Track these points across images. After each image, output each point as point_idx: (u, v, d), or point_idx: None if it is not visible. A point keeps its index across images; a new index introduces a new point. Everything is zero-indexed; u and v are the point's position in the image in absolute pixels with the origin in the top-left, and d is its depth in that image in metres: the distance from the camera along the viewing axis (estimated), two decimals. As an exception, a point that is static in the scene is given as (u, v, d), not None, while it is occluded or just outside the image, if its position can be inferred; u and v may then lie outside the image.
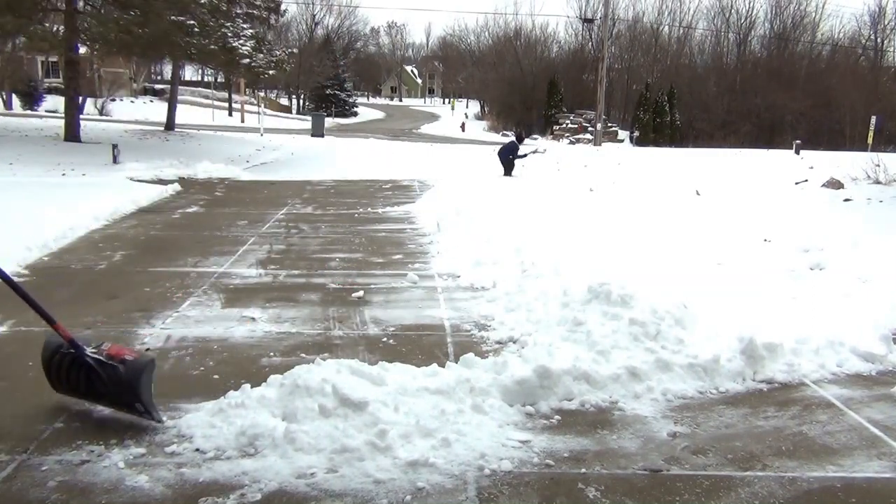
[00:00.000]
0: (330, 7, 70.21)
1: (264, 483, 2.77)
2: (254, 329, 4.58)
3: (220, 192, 11.78)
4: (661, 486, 2.81)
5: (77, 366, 3.24)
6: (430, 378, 3.49)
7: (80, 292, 5.40)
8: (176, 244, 7.28)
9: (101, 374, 3.17)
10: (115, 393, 3.18)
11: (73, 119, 18.09)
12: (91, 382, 3.21)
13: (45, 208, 8.43)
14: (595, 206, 9.96)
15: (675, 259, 6.35)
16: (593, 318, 4.21)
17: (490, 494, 2.73)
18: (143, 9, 15.48)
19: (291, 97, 62.91)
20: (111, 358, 3.19)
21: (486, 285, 5.61)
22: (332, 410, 3.15)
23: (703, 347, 4.03)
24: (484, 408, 3.33)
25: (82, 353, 3.22)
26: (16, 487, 2.69)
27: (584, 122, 43.80)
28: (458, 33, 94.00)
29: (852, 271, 6.00)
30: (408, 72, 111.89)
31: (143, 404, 3.15)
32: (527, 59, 53.65)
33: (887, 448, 3.16)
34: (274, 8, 22.23)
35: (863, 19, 74.49)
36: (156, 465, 2.87)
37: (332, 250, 7.17)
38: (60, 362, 3.28)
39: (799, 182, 13.90)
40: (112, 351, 3.23)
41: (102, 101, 35.20)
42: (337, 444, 2.95)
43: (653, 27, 55.54)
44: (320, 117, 29.52)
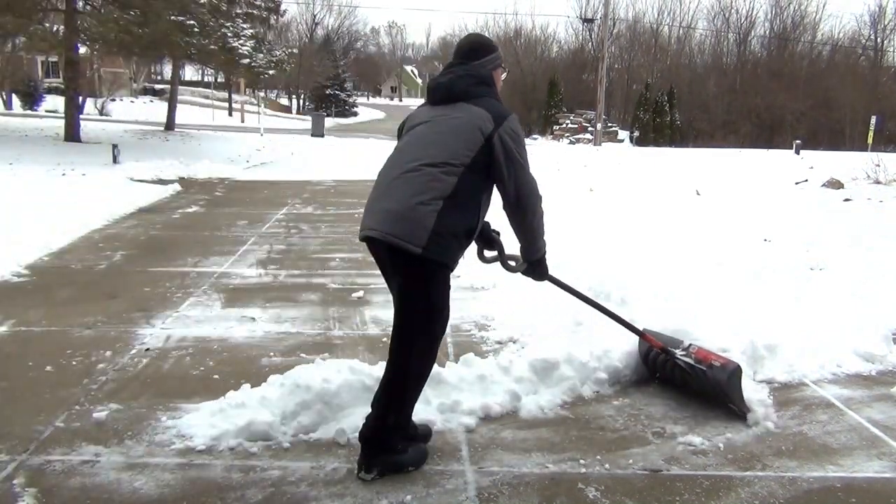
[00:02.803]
0: (330, 7, 70.33)
1: (264, 483, 2.77)
2: (254, 329, 4.58)
3: (220, 192, 11.78)
4: (661, 486, 2.81)
5: (672, 364, 3.60)
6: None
7: (80, 292, 5.40)
8: (176, 244, 7.29)
9: (692, 375, 3.49)
10: (705, 392, 3.49)
11: (73, 119, 18.10)
12: (684, 379, 3.58)
13: (45, 208, 8.43)
14: (595, 206, 9.97)
15: (675, 259, 6.35)
16: (594, 318, 4.20)
17: (490, 494, 2.73)
18: (143, 9, 15.50)
19: (291, 97, 62.91)
20: (699, 362, 3.49)
21: (486, 285, 5.61)
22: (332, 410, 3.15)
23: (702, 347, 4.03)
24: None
25: (673, 357, 3.57)
26: (16, 487, 2.68)
27: (584, 122, 43.79)
28: (458, 33, 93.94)
29: (852, 271, 6.01)
30: (408, 72, 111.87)
31: (734, 404, 3.41)
32: (527, 59, 53.62)
33: (887, 448, 3.16)
34: (274, 8, 22.26)
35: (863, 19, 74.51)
36: (156, 466, 2.87)
37: (332, 250, 7.17)
38: (656, 358, 3.71)
39: (799, 182, 13.91)
40: (700, 355, 3.53)
41: (102, 101, 35.20)
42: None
43: (653, 27, 55.55)
44: (320, 117, 29.52)
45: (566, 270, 5.71)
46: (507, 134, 2.68)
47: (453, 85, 2.78)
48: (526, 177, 2.75)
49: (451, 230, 2.61)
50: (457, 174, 2.61)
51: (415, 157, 2.68)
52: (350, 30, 75.74)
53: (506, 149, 2.68)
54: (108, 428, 3.17)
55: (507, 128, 2.68)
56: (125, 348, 4.16)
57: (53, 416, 3.26)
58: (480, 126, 2.66)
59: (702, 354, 3.52)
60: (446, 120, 2.71)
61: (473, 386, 3.51)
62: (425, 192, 2.59)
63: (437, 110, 2.79)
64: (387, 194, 2.68)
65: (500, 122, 2.68)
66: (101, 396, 3.49)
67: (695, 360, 3.50)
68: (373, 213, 2.71)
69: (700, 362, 3.48)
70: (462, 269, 6.08)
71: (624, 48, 55.59)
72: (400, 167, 2.70)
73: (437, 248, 2.57)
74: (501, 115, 2.70)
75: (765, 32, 53.73)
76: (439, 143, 2.67)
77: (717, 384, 3.40)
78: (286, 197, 11.16)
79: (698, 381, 3.49)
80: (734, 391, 3.39)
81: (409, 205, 2.58)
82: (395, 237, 2.57)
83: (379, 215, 2.65)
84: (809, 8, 53.80)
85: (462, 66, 2.83)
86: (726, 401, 3.43)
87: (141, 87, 51.10)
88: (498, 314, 4.89)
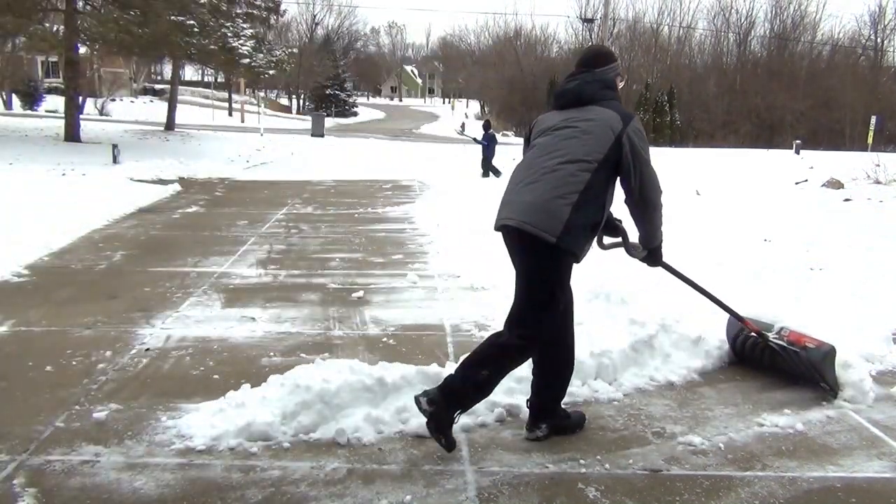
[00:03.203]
0: (330, 7, 70.35)
1: (264, 483, 2.77)
2: (254, 329, 4.58)
3: (220, 192, 11.78)
4: (661, 486, 2.81)
5: (762, 347, 3.88)
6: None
7: (80, 292, 5.40)
8: (176, 244, 7.29)
9: (784, 357, 3.75)
10: (797, 371, 3.74)
11: (73, 119, 18.10)
12: (774, 361, 3.85)
13: (45, 208, 8.44)
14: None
15: (675, 259, 6.34)
16: (594, 318, 4.21)
17: (490, 494, 2.73)
18: (143, 9, 15.50)
19: (291, 97, 62.93)
20: (792, 344, 3.73)
21: (486, 285, 5.61)
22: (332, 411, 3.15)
23: (703, 347, 4.03)
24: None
25: (767, 340, 3.80)
26: (16, 487, 2.68)
27: (584, 122, 43.75)
28: (458, 33, 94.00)
29: (852, 271, 6.01)
30: (408, 72, 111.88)
31: (828, 383, 3.63)
32: (527, 59, 53.70)
33: (887, 448, 3.16)
34: (274, 8, 22.26)
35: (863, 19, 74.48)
36: (156, 466, 2.87)
37: (332, 250, 7.17)
38: (745, 341, 4.00)
39: (799, 182, 13.91)
40: (792, 338, 3.76)
41: (102, 101, 35.22)
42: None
43: (653, 27, 55.60)
44: (320, 117, 29.55)
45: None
46: (633, 133, 2.91)
47: (582, 89, 3.03)
48: (650, 173, 2.97)
49: (581, 223, 2.86)
50: (590, 171, 2.86)
51: (553, 155, 2.92)
52: (350, 30, 75.85)
53: (633, 147, 2.90)
54: (108, 428, 3.16)
55: (633, 127, 2.92)
56: (125, 348, 4.16)
57: (53, 416, 3.26)
58: (611, 126, 2.90)
59: (794, 337, 3.76)
60: (579, 121, 2.95)
61: (473, 386, 3.51)
62: (562, 186, 2.84)
63: (567, 113, 3.02)
64: (526, 189, 2.93)
65: (628, 122, 2.92)
66: (101, 396, 3.49)
67: (787, 342, 3.75)
68: (511, 204, 2.97)
69: (793, 344, 3.72)
70: (462, 270, 6.11)
71: (624, 48, 55.57)
72: (539, 165, 2.95)
73: (568, 238, 2.83)
74: (628, 116, 2.95)
75: (765, 32, 53.81)
76: (575, 142, 2.91)
77: (812, 365, 3.63)
78: (286, 197, 11.16)
79: (791, 362, 3.74)
80: (828, 371, 3.62)
81: (547, 198, 2.84)
82: (532, 226, 2.83)
83: (518, 206, 2.92)
84: (809, 8, 53.97)
85: (588, 73, 3.07)
86: (819, 380, 3.64)
87: (141, 87, 51.11)
88: (498, 314, 4.87)
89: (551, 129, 3.02)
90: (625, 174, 2.93)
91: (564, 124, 2.98)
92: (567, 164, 2.86)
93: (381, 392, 3.34)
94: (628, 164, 2.90)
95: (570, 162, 2.86)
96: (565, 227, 2.80)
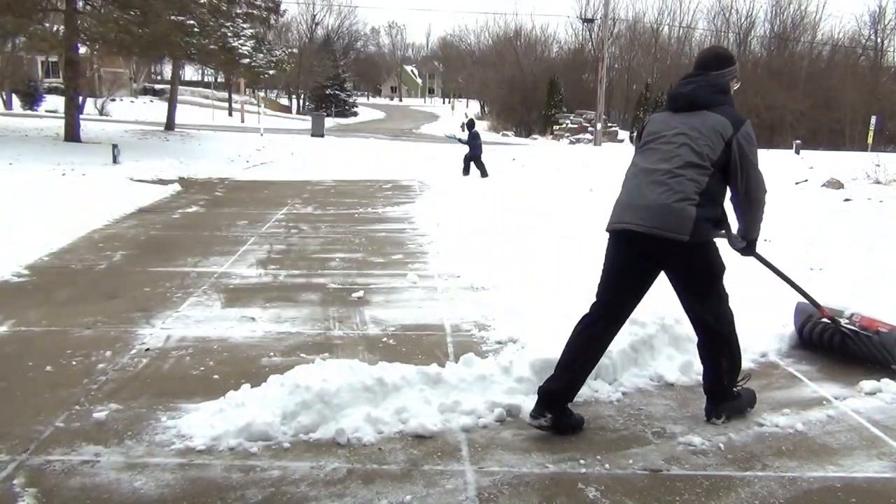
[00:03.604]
0: (330, 7, 70.35)
1: (264, 483, 2.77)
2: (254, 329, 4.58)
3: (220, 192, 11.78)
4: (661, 486, 2.81)
5: (831, 332, 4.10)
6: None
7: (80, 292, 5.40)
8: (176, 244, 7.29)
9: (856, 341, 3.99)
10: (868, 355, 3.97)
11: (73, 119, 18.10)
12: (844, 345, 4.07)
13: (45, 208, 8.44)
14: (595, 206, 9.96)
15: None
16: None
17: (490, 494, 2.73)
18: (143, 9, 15.50)
19: (291, 97, 62.93)
20: (864, 329, 3.97)
21: (486, 285, 5.61)
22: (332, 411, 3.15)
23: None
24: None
25: (839, 326, 4.05)
26: (16, 487, 2.68)
27: (584, 122, 43.78)
28: (458, 33, 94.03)
29: (852, 271, 6.01)
30: (408, 72, 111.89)
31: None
32: (527, 59, 53.65)
33: (887, 448, 3.16)
34: (274, 8, 22.26)
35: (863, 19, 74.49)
36: (156, 466, 2.87)
37: (332, 250, 7.17)
38: (814, 327, 4.20)
39: (799, 182, 13.91)
40: (864, 323, 4.02)
41: (102, 101, 35.19)
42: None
43: (653, 27, 55.63)
44: (320, 117, 29.52)
45: (567, 269, 5.73)
46: (743, 138, 3.07)
47: (696, 95, 3.16)
48: (757, 175, 3.14)
49: (708, 219, 3.07)
50: (708, 174, 3.04)
51: (670, 160, 3.08)
52: (350, 30, 75.83)
53: (742, 151, 3.07)
54: (108, 428, 3.17)
55: (743, 132, 3.07)
56: (125, 348, 4.16)
57: (53, 416, 3.26)
58: (722, 132, 3.06)
59: (866, 322, 4.00)
60: (693, 127, 3.10)
61: (473, 386, 3.51)
62: (684, 190, 3.01)
63: (680, 118, 3.16)
64: (648, 193, 3.08)
65: (738, 127, 3.07)
66: (101, 396, 3.49)
67: (859, 327, 3.98)
68: (634, 208, 3.10)
69: (865, 329, 3.95)
70: (462, 270, 6.11)
71: (624, 48, 55.66)
72: (656, 170, 3.10)
73: (699, 233, 3.02)
74: (739, 121, 3.09)
75: (765, 32, 53.83)
76: (690, 149, 3.06)
77: (884, 348, 3.88)
78: (286, 197, 11.16)
79: (863, 346, 3.95)
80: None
81: (672, 201, 3.00)
82: (663, 230, 2.99)
83: (643, 211, 3.06)
84: (809, 8, 54.02)
85: (703, 77, 3.20)
86: (891, 363, 3.88)
87: (141, 87, 51.09)
88: (498, 314, 4.88)
89: (666, 134, 3.16)
90: (733, 176, 3.10)
91: (679, 130, 3.12)
92: (685, 168, 3.03)
93: (380, 392, 3.34)
94: (736, 167, 3.07)
95: (687, 166, 3.03)
96: (694, 226, 2.99)
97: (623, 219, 3.13)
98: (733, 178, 3.11)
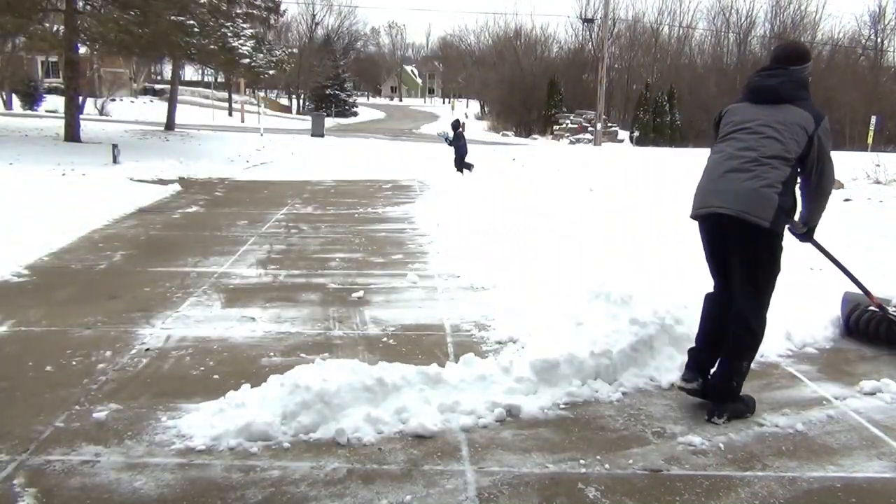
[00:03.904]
0: (330, 7, 70.33)
1: (264, 483, 2.77)
2: (254, 329, 4.58)
3: (220, 192, 11.78)
4: (661, 486, 2.81)
5: (878, 320, 4.34)
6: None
7: (80, 292, 5.40)
8: (176, 244, 7.29)
9: None
10: None
11: (73, 119, 18.10)
12: (891, 332, 4.30)
13: (45, 208, 8.43)
14: (595, 206, 9.97)
15: (675, 258, 6.35)
16: (594, 318, 4.21)
17: (490, 494, 2.73)
18: (143, 9, 15.49)
19: (291, 97, 62.93)
20: None
21: (486, 285, 5.61)
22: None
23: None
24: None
25: (887, 313, 4.29)
26: (16, 487, 2.68)
27: (584, 122, 43.78)
28: (457, 33, 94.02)
29: (852, 271, 5.99)
30: (408, 72, 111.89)
31: None
32: (527, 59, 53.66)
33: (887, 448, 3.16)
34: (274, 8, 22.27)
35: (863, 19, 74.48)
36: (156, 466, 2.87)
37: (332, 250, 7.17)
38: (860, 316, 4.45)
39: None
40: None
41: (102, 101, 35.20)
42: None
43: (653, 27, 55.62)
44: (320, 117, 29.51)
45: (567, 269, 5.72)
46: (823, 133, 3.26)
47: (781, 89, 3.31)
48: (831, 169, 3.34)
49: (784, 209, 3.24)
50: (790, 165, 3.23)
51: (756, 149, 3.25)
52: (350, 30, 75.74)
53: (821, 146, 3.25)
54: (108, 428, 3.17)
55: (823, 128, 3.26)
56: (125, 348, 4.16)
57: (53, 416, 3.26)
58: (805, 126, 3.23)
59: None
60: (777, 120, 3.27)
61: (473, 386, 3.51)
62: (769, 178, 3.19)
63: (764, 110, 3.33)
64: (734, 178, 3.24)
65: (819, 122, 3.25)
66: (101, 396, 3.49)
67: None
68: (720, 193, 3.27)
69: None
70: (462, 270, 6.11)
71: (624, 48, 55.63)
72: (742, 157, 3.26)
73: (777, 222, 3.21)
74: (820, 117, 3.27)
75: (765, 32, 53.77)
76: (776, 140, 3.23)
77: None
78: (286, 197, 11.16)
79: None
80: None
81: (758, 188, 3.18)
82: (749, 214, 3.17)
83: (731, 195, 3.23)
84: (809, 8, 54.00)
85: (784, 71, 3.35)
86: None
87: (141, 87, 51.09)
88: (498, 314, 4.88)
89: (750, 125, 3.31)
90: (809, 167, 3.29)
91: (765, 122, 3.28)
92: (771, 158, 3.21)
93: (380, 392, 3.34)
94: (814, 160, 3.26)
95: (773, 157, 3.21)
96: (775, 214, 3.17)
97: (708, 203, 3.31)
98: (809, 169, 3.29)
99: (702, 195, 3.36)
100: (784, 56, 3.40)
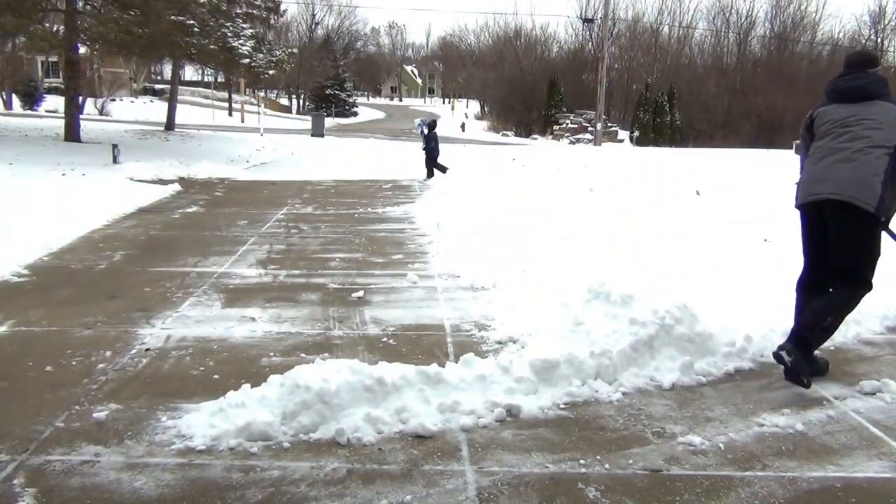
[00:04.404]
0: (330, 7, 70.36)
1: (264, 483, 2.77)
2: (254, 329, 4.58)
3: (220, 192, 11.78)
4: (661, 486, 2.81)
5: None
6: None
7: (80, 292, 5.40)
8: (176, 244, 7.29)
9: None
10: None
11: (73, 119, 18.10)
12: None
13: (46, 208, 8.44)
14: (595, 206, 9.97)
15: (675, 258, 6.35)
16: (594, 318, 4.21)
17: (490, 494, 2.73)
18: (143, 9, 15.48)
19: (291, 97, 62.94)
20: None
21: (486, 285, 5.61)
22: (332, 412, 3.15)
23: (703, 347, 4.03)
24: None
25: None
26: (16, 487, 2.68)
27: (584, 122, 43.80)
28: (457, 33, 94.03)
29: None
30: (408, 72, 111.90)
31: None
32: (527, 59, 53.70)
33: (887, 448, 3.16)
34: (274, 8, 22.27)
35: (863, 19, 74.51)
36: (156, 466, 2.87)
37: (332, 250, 7.17)
38: None
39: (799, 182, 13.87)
40: None
41: (102, 101, 35.23)
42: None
43: (653, 27, 55.63)
44: (320, 117, 29.53)
45: (567, 269, 5.73)
46: None
47: (870, 87, 3.66)
48: None
49: (888, 196, 3.51)
50: (890, 154, 3.52)
51: (860, 141, 3.55)
52: (350, 30, 75.76)
53: None
54: (108, 428, 3.17)
55: None
56: (125, 348, 4.16)
57: (53, 416, 3.26)
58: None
59: None
60: (874, 114, 3.59)
61: (473, 386, 3.52)
62: (874, 166, 3.50)
63: (856, 107, 3.65)
64: (842, 168, 3.55)
65: None
66: (101, 396, 3.49)
67: None
68: (827, 182, 3.59)
69: None
70: (462, 270, 6.11)
71: (624, 48, 55.65)
72: (846, 148, 3.58)
73: (881, 208, 3.51)
74: None
75: (765, 32, 53.85)
76: (876, 132, 3.55)
77: None
78: (286, 197, 11.16)
79: None
80: None
81: (864, 175, 3.49)
82: (857, 199, 3.48)
83: (840, 183, 3.53)
84: (809, 8, 53.92)
85: (863, 73, 3.71)
86: None
87: (141, 87, 51.13)
88: (498, 314, 4.88)
89: (848, 121, 3.62)
90: None
91: (862, 116, 3.60)
92: (874, 148, 3.51)
93: (380, 392, 3.34)
94: None
95: (875, 147, 3.51)
96: (880, 199, 3.46)
97: (815, 191, 3.61)
98: None
99: (808, 185, 3.66)
100: (859, 61, 3.77)
